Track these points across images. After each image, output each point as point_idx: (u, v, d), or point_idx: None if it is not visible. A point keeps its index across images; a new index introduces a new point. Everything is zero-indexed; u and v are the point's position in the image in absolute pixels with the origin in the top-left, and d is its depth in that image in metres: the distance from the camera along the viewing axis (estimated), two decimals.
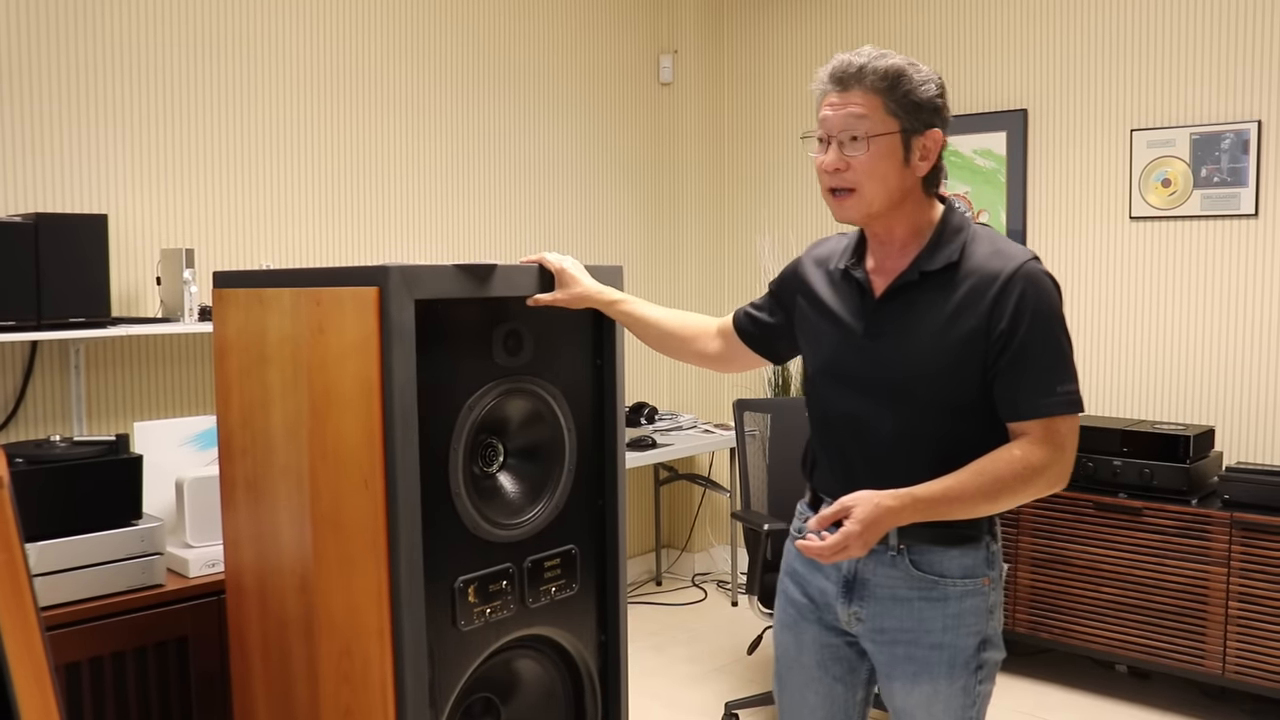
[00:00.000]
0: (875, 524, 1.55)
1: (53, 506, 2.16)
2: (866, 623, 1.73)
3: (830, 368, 1.76)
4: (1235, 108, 3.63)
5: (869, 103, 1.62)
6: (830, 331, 1.76)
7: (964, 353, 1.62)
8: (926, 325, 1.64)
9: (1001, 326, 1.60)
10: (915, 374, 1.64)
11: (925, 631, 1.69)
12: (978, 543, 1.69)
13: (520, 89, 4.32)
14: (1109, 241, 3.93)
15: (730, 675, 3.79)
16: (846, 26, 4.61)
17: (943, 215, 1.72)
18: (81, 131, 3.04)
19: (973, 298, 1.62)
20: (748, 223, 5.00)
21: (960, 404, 1.64)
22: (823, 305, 1.79)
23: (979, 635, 1.70)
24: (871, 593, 1.71)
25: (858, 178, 1.64)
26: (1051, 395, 1.60)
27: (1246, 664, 3.21)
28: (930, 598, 1.68)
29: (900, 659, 1.71)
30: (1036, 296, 1.61)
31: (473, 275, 1.82)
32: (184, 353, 3.27)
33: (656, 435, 4.36)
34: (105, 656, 2.19)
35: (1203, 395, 3.76)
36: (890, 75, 1.62)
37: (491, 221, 4.24)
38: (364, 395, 1.71)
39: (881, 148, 1.63)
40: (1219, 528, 3.25)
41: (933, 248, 1.67)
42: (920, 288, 1.67)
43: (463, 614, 1.81)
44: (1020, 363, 1.60)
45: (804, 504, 1.87)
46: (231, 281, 2.04)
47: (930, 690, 1.69)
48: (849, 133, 1.63)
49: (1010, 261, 1.63)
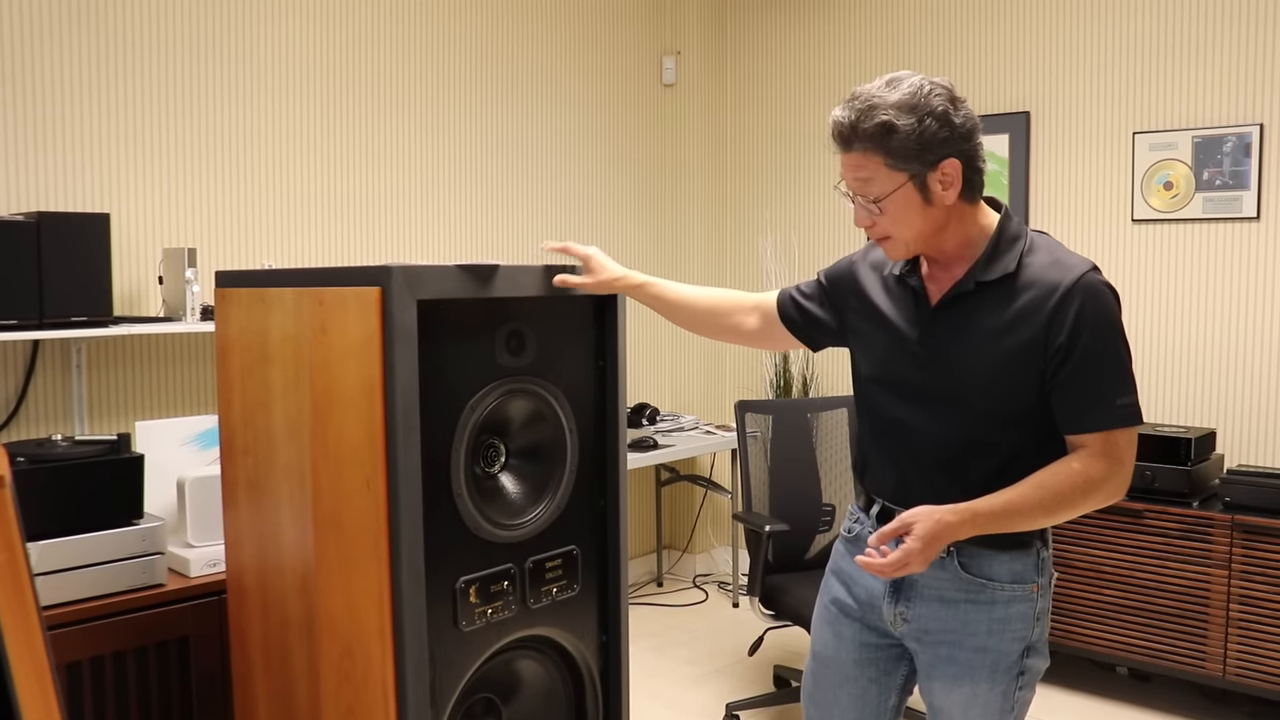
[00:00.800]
0: (936, 539, 1.56)
1: (54, 506, 2.16)
2: (912, 623, 1.73)
3: (884, 375, 1.76)
4: (1237, 111, 3.63)
5: (870, 163, 1.60)
6: (884, 338, 1.75)
7: (1020, 364, 1.61)
8: (982, 335, 1.63)
9: (1060, 340, 1.58)
10: (970, 384, 1.64)
11: (970, 634, 1.69)
12: (1029, 548, 1.69)
13: (524, 90, 4.32)
14: (1111, 244, 3.93)
15: (731, 676, 3.79)
16: (849, 29, 4.61)
17: (999, 224, 1.69)
18: (84, 131, 3.04)
19: (1031, 309, 1.60)
20: (750, 224, 5.00)
21: (1016, 415, 1.63)
22: (877, 310, 1.78)
23: (1024, 641, 1.70)
24: (919, 594, 1.72)
25: (887, 228, 1.64)
26: (1111, 408, 1.59)
27: (1247, 666, 3.21)
28: (977, 601, 1.68)
29: (943, 660, 1.71)
30: (1096, 308, 1.59)
31: (475, 276, 1.82)
32: (186, 352, 3.27)
33: (658, 436, 4.36)
34: (106, 656, 2.19)
35: (1204, 398, 3.76)
36: (881, 131, 1.56)
37: (495, 222, 4.24)
38: (366, 395, 1.71)
39: (897, 201, 1.61)
40: (1220, 530, 3.25)
41: (989, 258, 1.65)
42: (976, 297, 1.65)
43: (464, 614, 1.81)
44: (1079, 376, 1.58)
45: (856, 506, 1.88)
46: (234, 281, 2.04)
47: (970, 692, 1.69)
48: (864, 193, 1.63)
49: (1070, 272, 1.61)
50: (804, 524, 3.40)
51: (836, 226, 4.67)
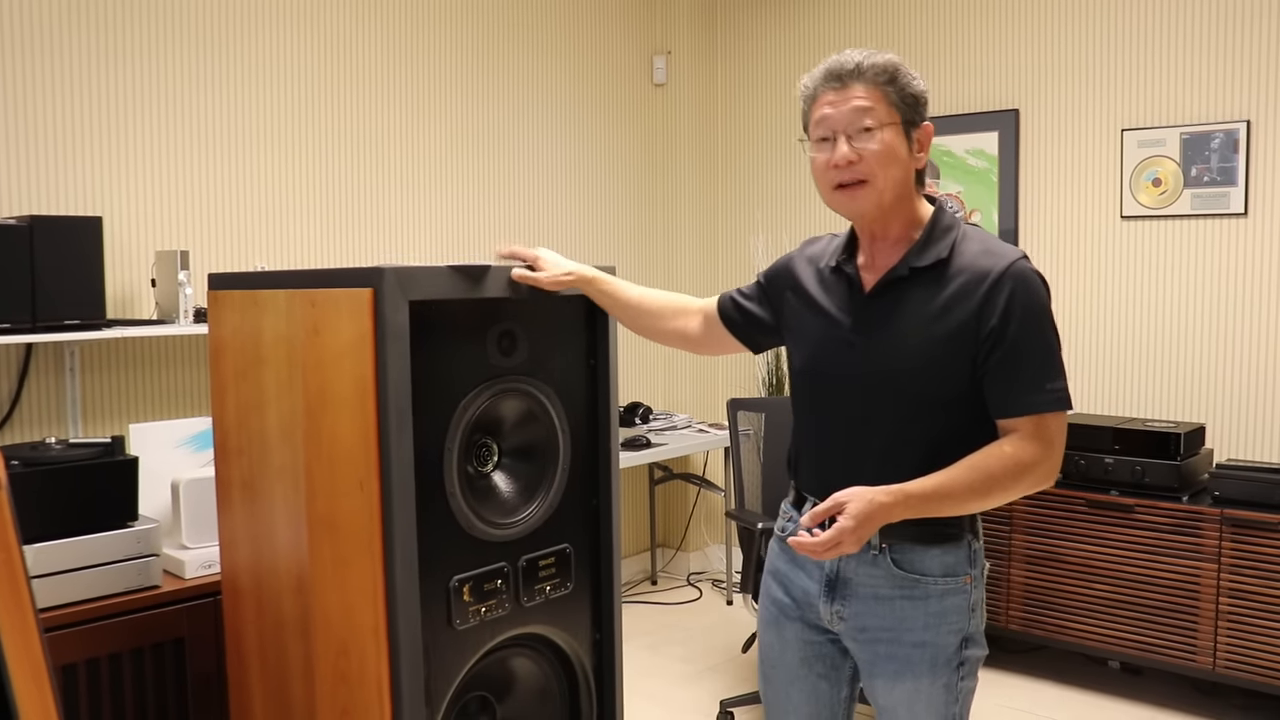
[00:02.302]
0: (869, 519, 1.56)
1: (49, 509, 2.17)
2: (849, 621, 1.74)
3: (818, 363, 1.77)
4: (1225, 108, 3.65)
5: (872, 95, 1.65)
6: (818, 327, 1.77)
7: (952, 348, 1.63)
8: (915, 320, 1.66)
9: (992, 323, 1.61)
10: (903, 368, 1.65)
11: (907, 630, 1.70)
12: (959, 541, 1.71)
13: (514, 90, 4.33)
14: (1100, 241, 3.95)
15: (725, 673, 3.81)
16: (838, 27, 4.63)
17: (934, 214, 1.73)
18: (76, 134, 3.05)
19: (962, 294, 1.64)
20: (741, 223, 5.02)
21: (948, 399, 1.65)
22: (812, 302, 1.80)
23: (960, 633, 1.71)
24: (854, 592, 1.73)
25: (871, 168, 1.65)
26: (1041, 393, 1.62)
27: (1237, 659, 3.23)
28: (912, 596, 1.69)
29: (882, 657, 1.72)
30: (1026, 294, 1.62)
31: (466, 276, 1.83)
32: (179, 354, 3.28)
33: (651, 435, 4.38)
34: (102, 658, 2.20)
35: (1193, 393, 3.78)
36: (889, 69, 1.66)
37: (485, 222, 4.25)
38: (359, 396, 1.72)
39: (889, 137, 1.65)
40: (1210, 524, 3.27)
41: (923, 244, 1.69)
42: (910, 283, 1.68)
43: (458, 613, 1.82)
44: (1010, 360, 1.61)
45: (788, 503, 1.88)
46: (226, 283, 2.05)
47: (912, 688, 1.70)
48: (857, 125, 1.64)
49: (1001, 260, 1.64)
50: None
51: (828, 226, 4.69)
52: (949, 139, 4.28)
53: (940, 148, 4.31)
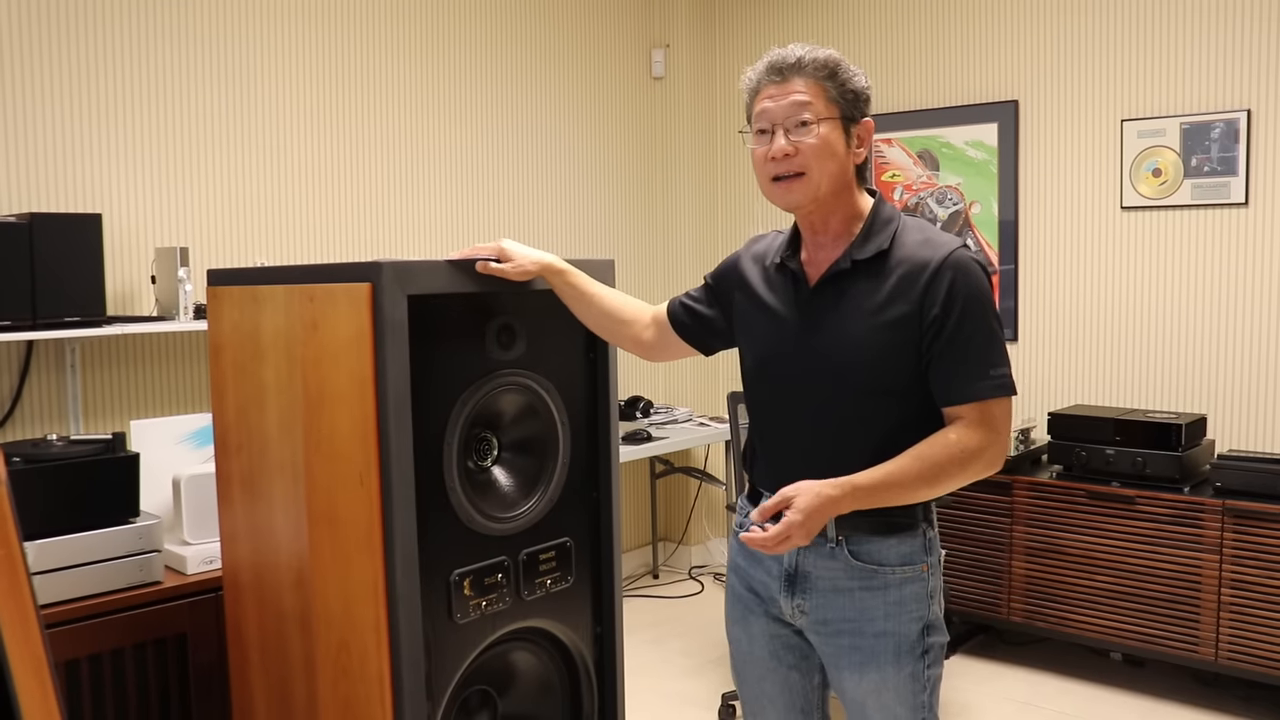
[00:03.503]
0: (817, 512, 1.58)
1: (50, 505, 2.17)
2: (810, 615, 1.75)
3: (767, 360, 1.79)
4: (1225, 97, 3.65)
5: (812, 90, 1.67)
6: (766, 324, 1.79)
7: (896, 338, 1.65)
8: (859, 312, 1.68)
9: (934, 312, 1.63)
10: (849, 361, 1.67)
11: (868, 620, 1.71)
12: (914, 530, 1.72)
13: (513, 85, 4.32)
14: (1100, 231, 3.95)
15: (726, 667, 3.80)
16: (836, 20, 4.62)
17: (874, 206, 1.75)
18: (76, 131, 3.05)
19: (904, 285, 1.66)
20: (739, 216, 5.01)
21: (894, 390, 1.67)
22: (759, 300, 1.81)
23: (921, 621, 1.73)
24: (813, 585, 1.74)
25: (807, 161, 1.67)
26: (985, 379, 1.63)
27: (1239, 650, 3.24)
28: (870, 586, 1.71)
29: (846, 649, 1.73)
30: (967, 283, 1.64)
31: (465, 270, 1.83)
32: (179, 351, 3.28)
33: (652, 429, 4.38)
34: (104, 653, 2.20)
35: (1194, 384, 3.78)
36: (829, 65, 1.68)
37: (484, 216, 4.25)
38: (358, 390, 1.72)
39: (827, 132, 1.66)
40: (1211, 515, 3.27)
41: (864, 237, 1.71)
42: (852, 276, 1.70)
43: (459, 607, 1.83)
44: (953, 348, 1.63)
45: (743, 498, 1.90)
46: (226, 279, 2.05)
47: (878, 679, 1.71)
48: (795, 119, 1.66)
49: (940, 249, 1.66)
50: None
51: None
52: (948, 130, 4.28)
53: (940, 139, 4.30)
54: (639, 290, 4.87)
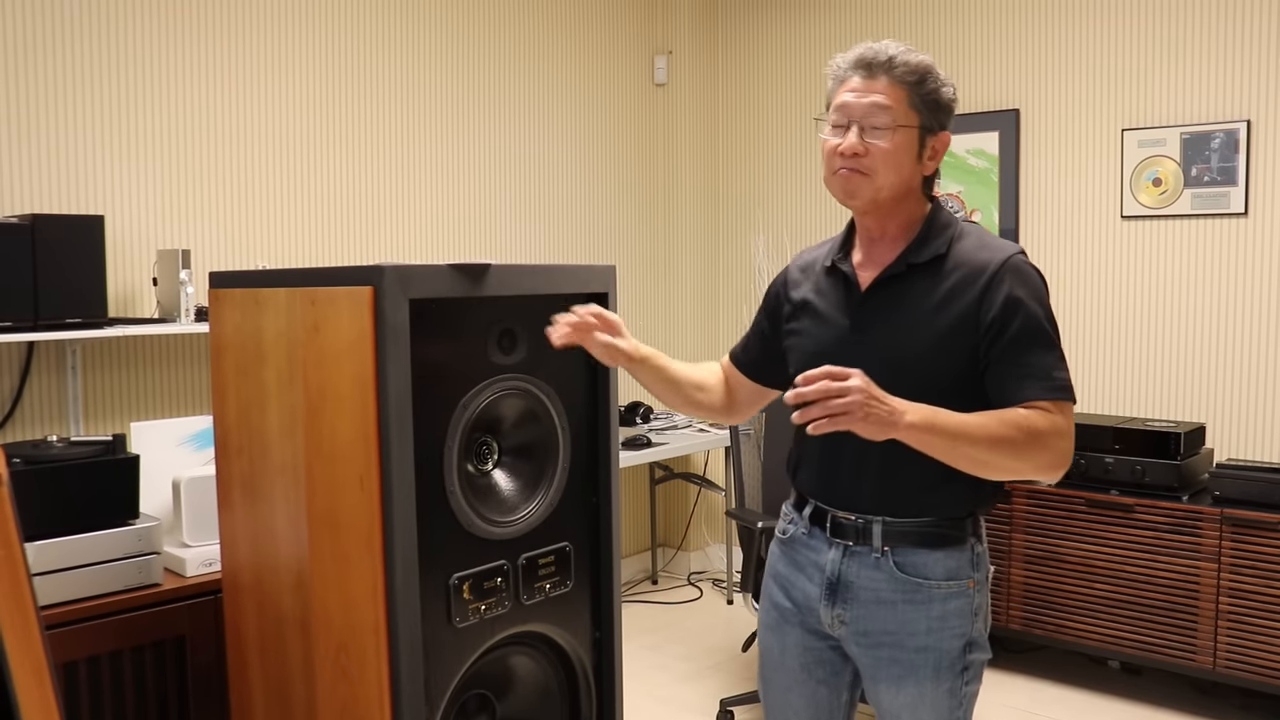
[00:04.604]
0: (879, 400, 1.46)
1: (50, 506, 2.17)
2: (850, 625, 1.72)
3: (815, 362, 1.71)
4: (1225, 107, 3.66)
5: (895, 94, 1.63)
6: (816, 328, 1.77)
7: (952, 341, 1.62)
8: (914, 315, 1.65)
9: (992, 315, 1.61)
10: (902, 364, 1.64)
11: (909, 634, 1.68)
12: (962, 544, 1.69)
13: (515, 90, 4.33)
14: (1101, 240, 3.96)
15: (725, 672, 3.81)
16: (840, 28, 4.63)
17: (931, 212, 1.73)
18: (79, 133, 3.05)
19: (961, 288, 1.63)
20: (742, 222, 5.02)
21: (945, 395, 1.62)
22: (810, 305, 1.80)
23: (964, 637, 1.69)
24: (855, 595, 1.71)
25: (874, 164, 1.64)
26: (1046, 380, 1.60)
27: (1237, 659, 3.24)
28: (914, 600, 1.68)
29: (885, 662, 1.70)
30: (1026, 287, 1.62)
31: (467, 275, 1.83)
32: (180, 353, 3.28)
33: (652, 434, 4.38)
34: (103, 655, 2.20)
35: (1194, 392, 3.78)
36: (919, 71, 1.65)
37: (486, 221, 4.26)
38: (359, 394, 1.73)
39: (901, 139, 1.64)
40: (1210, 524, 3.27)
41: (920, 242, 1.69)
42: (907, 280, 1.68)
43: (458, 610, 1.83)
44: (1015, 352, 1.60)
45: (789, 505, 1.87)
46: (227, 281, 2.05)
47: (916, 693, 1.69)
48: (872, 120, 1.63)
49: (998, 254, 1.65)
50: None
51: (828, 226, 4.69)
52: None
53: None
54: (639, 297, 4.87)
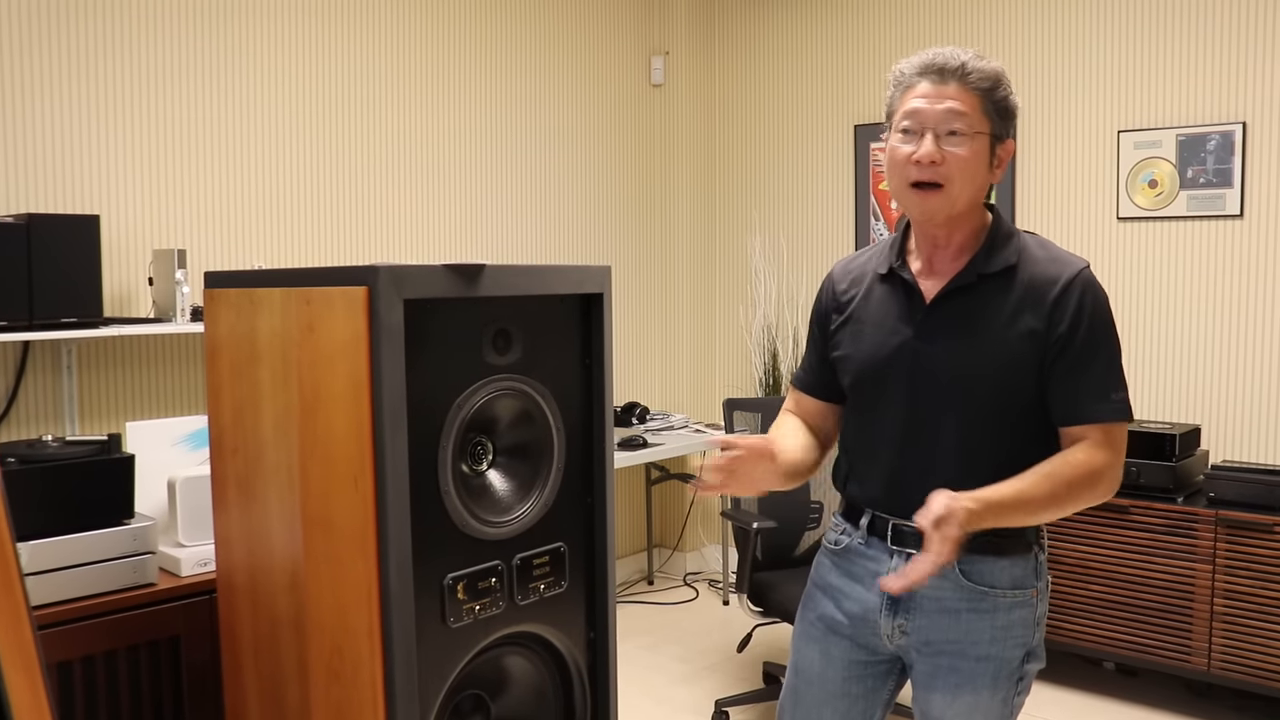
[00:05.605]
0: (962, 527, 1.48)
1: (45, 506, 2.17)
2: (912, 635, 1.70)
3: (876, 372, 1.71)
4: (1221, 109, 3.66)
5: (969, 100, 1.60)
6: (875, 335, 1.73)
7: (1021, 354, 1.61)
8: (985, 326, 1.63)
9: (1061, 329, 1.60)
10: (973, 375, 1.62)
11: (972, 643, 1.66)
12: (1027, 553, 1.68)
13: (512, 91, 4.33)
14: (1096, 242, 3.96)
15: (721, 673, 3.81)
16: (837, 29, 4.63)
17: (994, 221, 1.70)
18: (74, 132, 3.05)
19: (1031, 300, 1.62)
20: (739, 223, 5.02)
21: (1014, 407, 1.62)
22: (864, 311, 1.76)
23: (1024, 647, 1.69)
24: (919, 605, 1.68)
25: (950, 173, 1.60)
26: (1108, 401, 1.60)
27: (1232, 660, 3.24)
28: (979, 609, 1.66)
29: (944, 670, 1.68)
30: (1094, 302, 1.62)
31: (461, 275, 1.83)
32: (176, 353, 3.28)
33: (648, 435, 4.38)
34: (97, 655, 2.20)
35: (1189, 394, 3.78)
36: (992, 77, 1.62)
37: (482, 222, 4.26)
38: (353, 394, 1.72)
39: (976, 146, 1.61)
40: (1205, 525, 3.28)
41: (988, 251, 1.66)
42: (976, 290, 1.65)
43: (452, 611, 1.83)
44: (1079, 367, 1.60)
45: (839, 516, 1.83)
46: (223, 281, 2.05)
47: (972, 702, 1.67)
48: (948, 127, 1.60)
49: (1068, 267, 1.64)
50: (792, 521, 3.42)
51: (825, 227, 4.70)
52: None
53: None
54: (635, 298, 4.87)
